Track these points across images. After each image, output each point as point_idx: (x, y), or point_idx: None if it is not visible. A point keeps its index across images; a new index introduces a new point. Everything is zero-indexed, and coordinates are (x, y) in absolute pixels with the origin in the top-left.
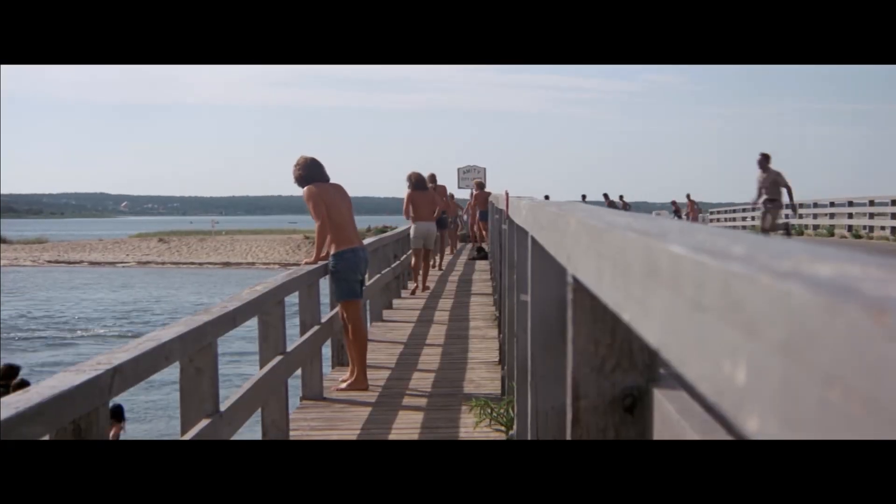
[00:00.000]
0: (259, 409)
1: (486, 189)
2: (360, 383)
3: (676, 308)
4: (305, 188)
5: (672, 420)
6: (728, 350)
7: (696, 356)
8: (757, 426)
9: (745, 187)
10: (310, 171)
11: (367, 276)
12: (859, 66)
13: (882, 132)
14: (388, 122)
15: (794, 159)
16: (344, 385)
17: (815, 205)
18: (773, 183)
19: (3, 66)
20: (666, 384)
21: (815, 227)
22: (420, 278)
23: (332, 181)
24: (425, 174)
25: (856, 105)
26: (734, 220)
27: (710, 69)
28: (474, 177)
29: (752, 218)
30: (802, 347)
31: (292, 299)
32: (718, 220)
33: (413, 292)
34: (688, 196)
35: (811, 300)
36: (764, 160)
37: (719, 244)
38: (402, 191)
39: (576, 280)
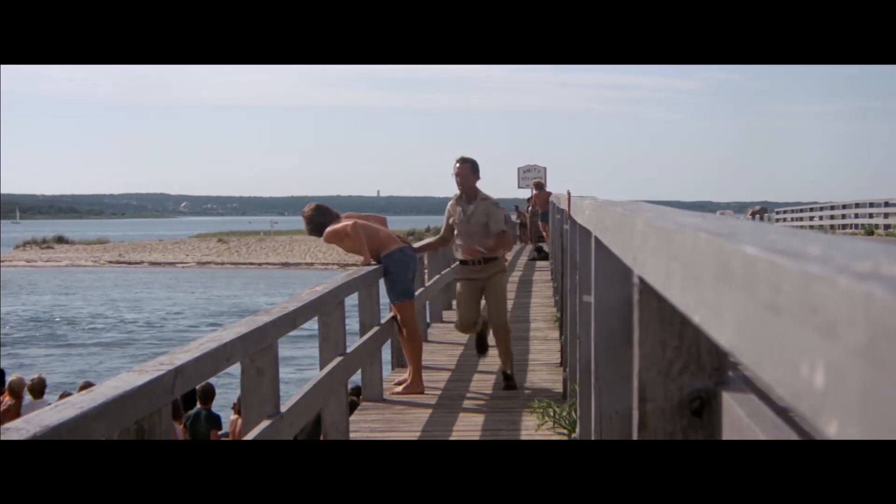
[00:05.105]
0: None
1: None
2: (415, 386)
3: (751, 310)
4: (325, 232)
5: (742, 424)
6: (805, 353)
7: (772, 359)
8: (836, 430)
9: (811, 186)
10: (322, 217)
11: (416, 275)
12: None
13: None
14: (446, 122)
15: (867, 159)
16: (399, 388)
17: (887, 204)
18: None
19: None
20: (735, 387)
21: (886, 226)
22: None
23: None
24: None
25: None
26: (801, 219)
27: (770, 66)
28: (534, 176)
29: (820, 217)
30: (884, 350)
31: (352, 300)
32: (784, 220)
33: None
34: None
35: (893, 302)
36: None
37: (794, 245)
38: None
39: (642, 281)
